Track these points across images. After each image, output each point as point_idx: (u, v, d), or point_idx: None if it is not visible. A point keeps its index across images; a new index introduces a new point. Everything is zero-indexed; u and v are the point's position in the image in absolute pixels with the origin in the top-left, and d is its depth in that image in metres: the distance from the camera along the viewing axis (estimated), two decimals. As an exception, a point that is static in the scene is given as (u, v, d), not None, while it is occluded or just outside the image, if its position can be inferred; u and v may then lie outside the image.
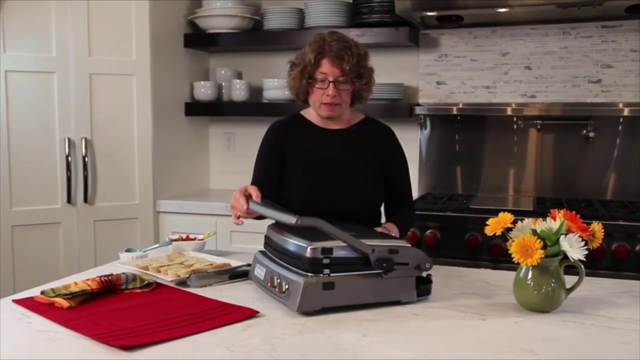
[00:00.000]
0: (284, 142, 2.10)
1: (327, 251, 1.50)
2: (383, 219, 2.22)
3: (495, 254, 2.74)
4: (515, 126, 3.26)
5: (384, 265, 1.51)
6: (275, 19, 3.37)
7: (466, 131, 3.35)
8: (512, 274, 1.81)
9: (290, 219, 1.49)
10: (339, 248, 1.51)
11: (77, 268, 3.02)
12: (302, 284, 1.47)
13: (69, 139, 3.00)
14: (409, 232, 2.78)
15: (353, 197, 2.05)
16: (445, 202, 3.05)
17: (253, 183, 2.12)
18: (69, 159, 3.00)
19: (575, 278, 1.53)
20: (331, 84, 1.96)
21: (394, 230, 1.95)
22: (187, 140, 3.56)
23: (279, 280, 1.55)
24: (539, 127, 3.22)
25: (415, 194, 3.34)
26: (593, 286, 1.70)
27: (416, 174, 3.41)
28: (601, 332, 1.37)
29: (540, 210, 2.78)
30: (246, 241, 2.91)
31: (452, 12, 3.00)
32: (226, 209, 3.13)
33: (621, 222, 2.62)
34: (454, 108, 3.29)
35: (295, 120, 2.16)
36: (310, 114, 2.14)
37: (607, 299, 1.62)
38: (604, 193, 3.16)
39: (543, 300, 1.49)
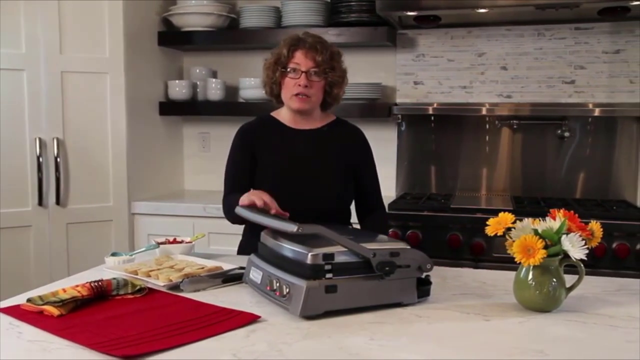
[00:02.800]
0: (253, 145, 2.13)
1: (328, 257, 1.47)
2: (353, 219, 2.25)
3: (476, 253, 2.77)
4: (491, 126, 3.29)
5: (386, 268, 1.49)
6: (252, 18, 3.32)
7: (443, 131, 3.36)
8: (506, 273, 1.83)
9: (290, 227, 1.46)
10: (340, 253, 1.48)
11: (48, 273, 2.93)
12: (304, 287, 1.44)
13: (40, 139, 2.90)
14: (390, 232, 2.79)
15: (324, 196, 2.09)
16: (425, 201, 3.06)
17: (226, 188, 2.16)
18: (40, 159, 2.90)
19: (568, 277, 1.54)
20: (303, 74, 2.01)
21: None
22: (161, 141, 3.49)
23: (278, 284, 1.51)
24: (515, 126, 3.26)
25: (392, 194, 3.35)
26: (586, 284, 1.69)
27: (394, 173, 3.41)
28: (605, 331, 1.38)
29: (520, 210, 2.82)
30: (224, 243, 2.86)
31: (433, 12, 3.01)
32: (204, 211, 3.09)
33: (597, 221, 2.66)
34: (431, 108, 3.30)
35: (264, 122, 2.18)
36: (282, 114, 2.16)
37: (603, 297, 1.64)
38: (578, 192, 3.22)
39: (545, 300, 1.49)
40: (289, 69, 2.03)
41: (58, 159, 2.93)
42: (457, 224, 2.80)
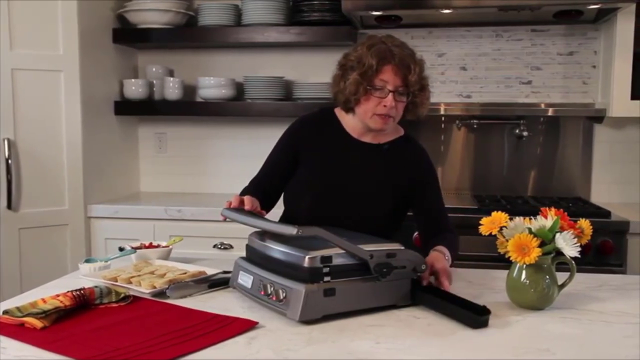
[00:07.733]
0: (302, 141, 1.97)
1: (326, 260, 1.44)
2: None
3: (443, 252, 2.78)
4: (452, 125, 3.33)
5: (384, 270, 1.48)
6: (211, 15, 3.25)
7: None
8: (490, 271, 1.86)
9: (290, 230, 1.41)
10: (337, 255, 1.46)
11: None
12: (303, 291, 1.40)
13: (-11, 140, 2.75)
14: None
15: (359, 216, 1.89)
16: (389, 201, 3.06)
17: (260, 174, 2.02)
18: (-10, 161, 2.75)
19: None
20: (391, 94, 1.81)
21: (446, 252, 1.78)
22: (117, 141, 3.36)
23: (273, 288, 1.47)
24: (474, 126, 3.31)
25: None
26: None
27: (355, 173, 3.40)
28: (601, 327, 1.41)
29: (483, 208, 2.86)
30: (187, 246, 2.77)
31: (399, 12, 3.02)
32: (165, 213, 3.00)
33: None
34: (392, 108, 3.31)
35: (327, 120, 2.00)
36: (347, 119, 1.97)
37: (588, 293, 1.67)
38: (534, 189, 3.30)
39: (539, 298, 1.51)
40: (374, 86, 1.81)
41: (9, 161, 2.78)
42: (423, 223, 2.81)
